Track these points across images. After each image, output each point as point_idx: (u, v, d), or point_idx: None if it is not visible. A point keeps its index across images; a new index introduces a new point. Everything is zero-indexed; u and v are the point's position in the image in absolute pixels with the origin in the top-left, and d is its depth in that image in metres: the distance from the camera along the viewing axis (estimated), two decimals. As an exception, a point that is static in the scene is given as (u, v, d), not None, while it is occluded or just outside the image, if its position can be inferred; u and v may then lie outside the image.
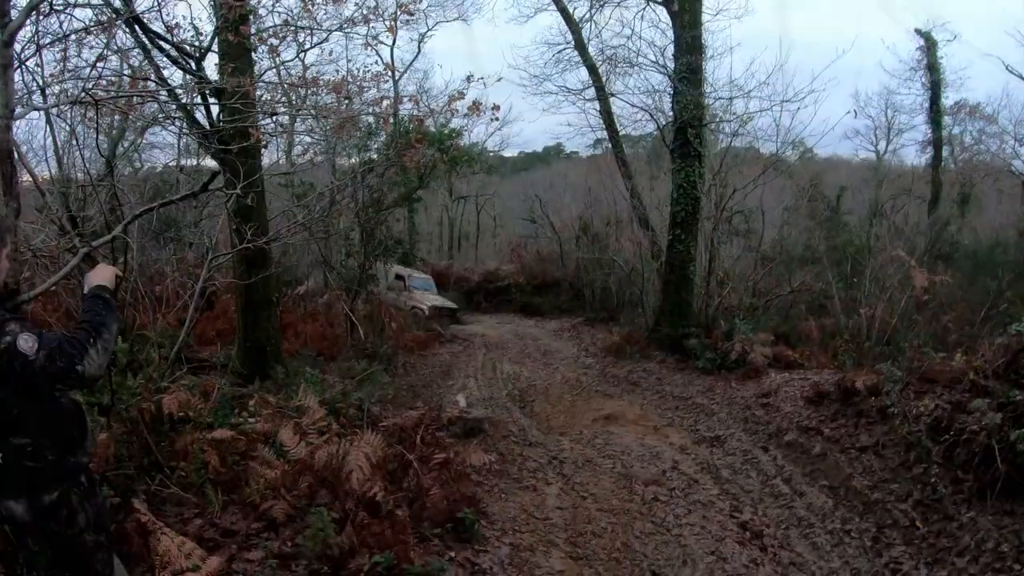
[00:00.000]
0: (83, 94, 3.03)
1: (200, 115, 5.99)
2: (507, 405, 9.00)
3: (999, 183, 20.54)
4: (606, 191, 18.59)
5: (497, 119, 6.84)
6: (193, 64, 5.90)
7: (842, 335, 10.38)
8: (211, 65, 7.00)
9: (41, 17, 4.26)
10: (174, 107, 6.02)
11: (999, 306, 10.44)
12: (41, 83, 4.19)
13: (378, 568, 2.87)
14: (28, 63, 4.03)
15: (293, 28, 7.63)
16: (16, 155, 3.01)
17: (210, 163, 7.44)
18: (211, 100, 5.94)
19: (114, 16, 4.74)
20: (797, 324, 11.76)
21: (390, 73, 17.26)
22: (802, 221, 18.18)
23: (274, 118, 6.55)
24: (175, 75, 6.61)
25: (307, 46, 8.30)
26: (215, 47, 6.78)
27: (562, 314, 18.66)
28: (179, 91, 5.41)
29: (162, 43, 5.72)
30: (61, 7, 4.30)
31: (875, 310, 10.26)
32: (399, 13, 6.77)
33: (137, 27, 5.57)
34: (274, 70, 7.92)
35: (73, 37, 4.95)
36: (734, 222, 13.62)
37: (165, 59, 6.03)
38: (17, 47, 3.82)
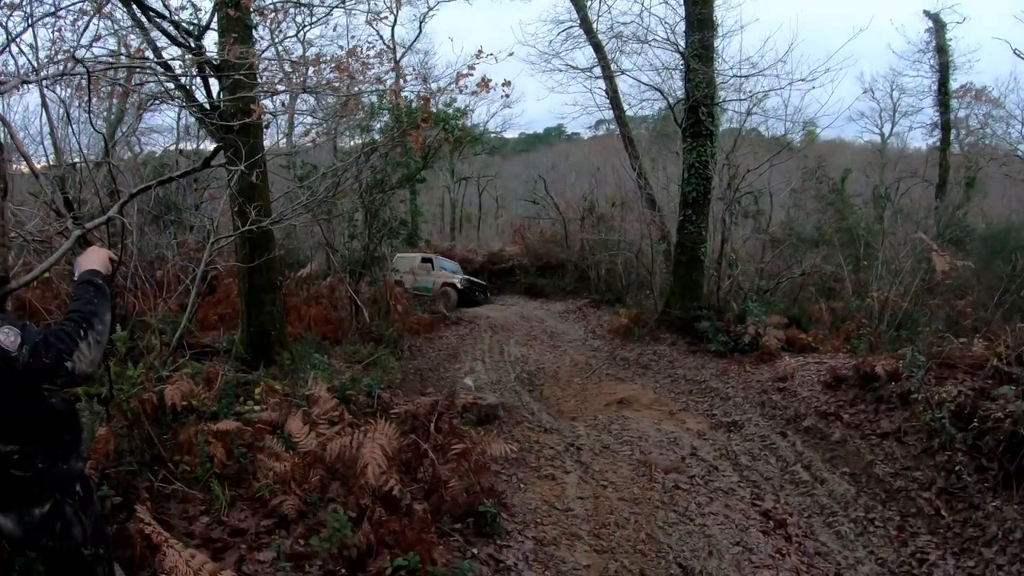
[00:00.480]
0: (77, 63, 2.78)
1: (200, 95, 5.79)
2: (516, 389, 8.84)
3: (1005, 167, 20.27)
4: (614, 172, 18.32)
5: (508, 95, 6.57)
6: (192, 42, 5.67)
7: (853, 318, 10.20)
8: (210, 45, 6.78)
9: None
10: (172, 86, 5.80)
11: (1012, 291, 10.28)
12: (36, 64, 3.96)
13: (401, 571, 2.68)
14: (23, 46, 3.81)
15: (295, 3, 7.34)
16: (7, 131, 2.79)
17: (211, 147, 7.22)
18: (210, 75, 5.72)
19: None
20: (807, 307, 11.57)
21: (392, 53, 16.88)
22: (809, 203, 17.93)
23: (274, 98, 6.33)
24: (174, 54, 6.39)
25: (307, 24, 8.02)
26: (214, 24, 6.55)
27: (567, 296, 18.47)
28: (177, 65, 5.17)
29: (159, 20, 5.49)
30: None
31: (888, 294, 10.07)
32: (402, -16, 6.46)
33: (134, 4, 5.34)
34: (275, 48, 7.66)
35: (68, 15, 4.73)
36: (743, 203, 13.37)
37: (164, 39, 5.81)
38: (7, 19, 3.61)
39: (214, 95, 5.64)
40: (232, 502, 3.24)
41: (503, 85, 6.64)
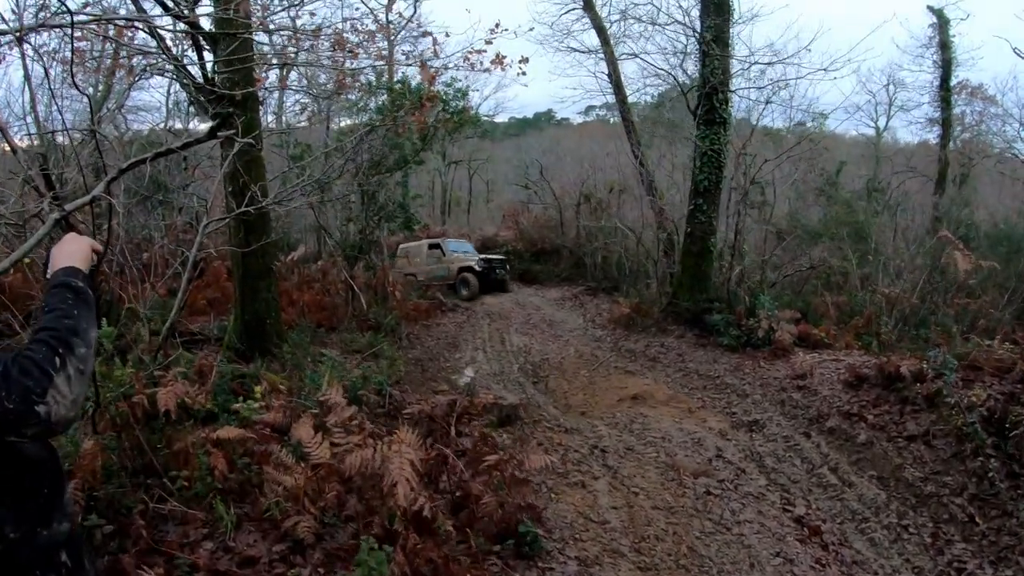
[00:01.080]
0: (62, 8, 2.33)
1: (193, 69, 5.32)
2: (520, 381, 8.50)
3: (1000, 165, 20.26)
4: (613, 158, 17.92)
5: (524, 72, 6.13)
6: (185, 10, 5.19)
7: (862, 314, 9.97)
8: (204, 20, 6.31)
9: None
10: (164, 56, 5.33)
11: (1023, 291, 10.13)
12: (18, 32, 3.52)
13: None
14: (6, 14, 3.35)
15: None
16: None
17: (201, 126, 6.75)
18: (205, 47, 5.25)
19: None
20: (811, 301, 11.32)
21: (386, 33, 16.25)
22: (810, 195, 17.71)
23: (268, 72, 5.91)
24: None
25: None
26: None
27: (562, 282, 18.05)
28: (168, 26, 4.70)
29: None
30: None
31: (898, 290, 9.85)
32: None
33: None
34: (273, 18, 7.19)
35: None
36: (749, 195, 13.03)
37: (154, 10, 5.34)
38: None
39: (208, 67, 5.19)
40: (238, 523, 2.83)
41: (520, 62, 6.24)
